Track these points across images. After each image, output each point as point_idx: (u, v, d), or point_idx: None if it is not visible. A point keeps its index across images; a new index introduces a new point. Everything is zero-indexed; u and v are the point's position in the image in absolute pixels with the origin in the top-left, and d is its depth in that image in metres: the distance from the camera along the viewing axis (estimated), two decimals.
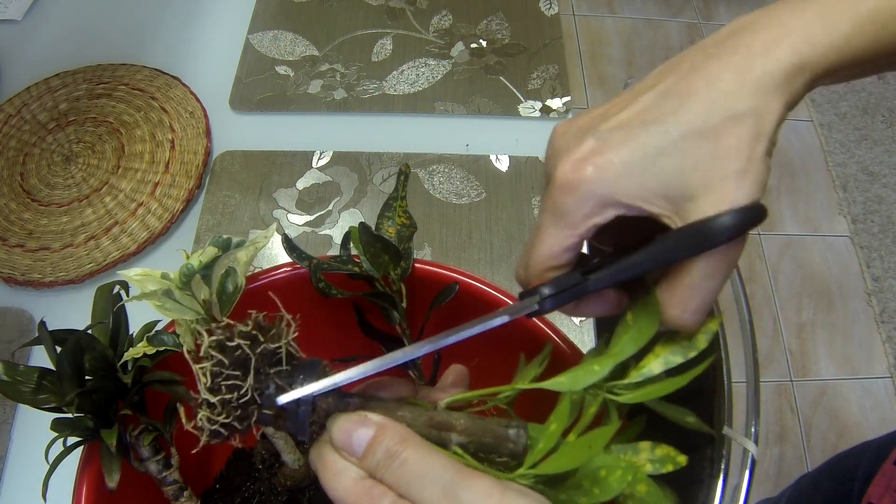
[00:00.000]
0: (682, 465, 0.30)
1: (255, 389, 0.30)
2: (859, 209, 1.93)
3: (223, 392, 0.30)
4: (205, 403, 0.30)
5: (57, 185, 0.75)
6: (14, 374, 0.37)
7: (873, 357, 1.71)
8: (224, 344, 0.30)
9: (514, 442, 0.30)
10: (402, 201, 0.49)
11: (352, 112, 0.82)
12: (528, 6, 0.93)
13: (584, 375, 0.31)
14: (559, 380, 0.31)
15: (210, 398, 0.30)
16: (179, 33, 0.90)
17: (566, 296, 0.30)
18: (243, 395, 0.30)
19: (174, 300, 0.39)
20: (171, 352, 0.41)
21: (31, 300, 0.68)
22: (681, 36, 2.31)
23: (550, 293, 0.30)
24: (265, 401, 0.30)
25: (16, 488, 0.59)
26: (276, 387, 0.30)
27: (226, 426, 0.30)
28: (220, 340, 0.31)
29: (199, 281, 0.38)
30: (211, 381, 0.30)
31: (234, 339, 0.30)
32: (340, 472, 0.28)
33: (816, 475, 0.77)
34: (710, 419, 0.44)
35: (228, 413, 0.30)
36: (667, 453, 0.30)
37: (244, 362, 0.30)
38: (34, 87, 0.83)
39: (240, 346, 0.30)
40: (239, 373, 0.30)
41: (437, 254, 0.71)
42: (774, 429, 1.62)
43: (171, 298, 0.39)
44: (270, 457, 0.53)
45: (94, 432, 0.38)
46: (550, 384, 0.31)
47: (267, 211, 0.74)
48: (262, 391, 0.30)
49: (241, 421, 0.30)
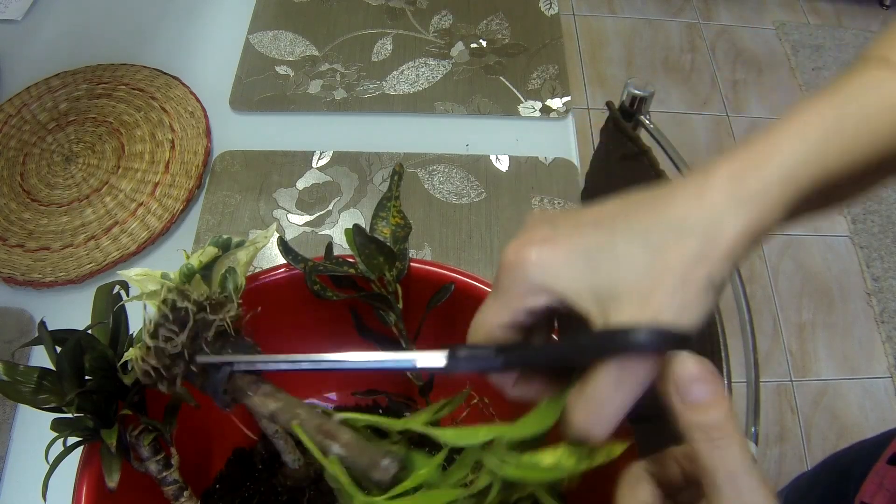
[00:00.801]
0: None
1: (186, 347, 0.35)
2: (859, 209, 1.93)
3: (159, 340, 0.35)
4: (143, 346, 0.35)
5: (57, 185, 0.75)
6: (14, 374, 0.37)
7: (873, 357, 1.71)
8: (174, 304, 0.35)
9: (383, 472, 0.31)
10: (396, 201, 0.48)
11: (352, 112, 0.82)
12: (528, 6, 0.93)
13: (468, 435, 0.31)
14: (446, 431, 0.31)
15: (147, 341, 0.35)
16: (179, 33, 0.90)
17: (474, 364, 0.30)
18: (175, 346, 0.35)
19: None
20: None
21: (31, 300, 0.68)
22: (681, 36, 2.31)
23: (462, 356, 0.31)
24: (192, 359, 0.36)
25: (16, 488, 0.59)
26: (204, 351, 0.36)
27: (154, 370, 0.35)
28: (173, 300, 0.35)
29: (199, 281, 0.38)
30: (153, 329, 0.35)
31: (184, 302, 0.35)
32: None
33: (813, 474, 0.78)
34: None
35: (159, 360, 0.35)
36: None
37: (184, 322, 0.35)
38: (34, 87, 0.83)
39: (186, 308, 0.35)
40: (176, 328, 0.35)
41: (436, 254, 0.71)
42: (774, 429, 1.62)
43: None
44: (270, 457, 0.53)
45: (95, 432, 0.38)
46: (437, 432, 0.31)
47: (267, 211, 0.74)
48: (194, 351, 0.36)
49: (168, 370, 0.35)
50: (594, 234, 0.29)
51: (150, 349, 0.35)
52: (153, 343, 0.35)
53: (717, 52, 2.27)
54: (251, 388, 0.35)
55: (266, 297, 0.48)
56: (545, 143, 0.80)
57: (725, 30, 2.34)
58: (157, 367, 0.35)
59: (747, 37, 2.32)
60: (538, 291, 0.29)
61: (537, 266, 0.29)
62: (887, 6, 2.42)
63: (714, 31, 2.33)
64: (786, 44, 2.29)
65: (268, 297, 0.48)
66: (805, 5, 2.43)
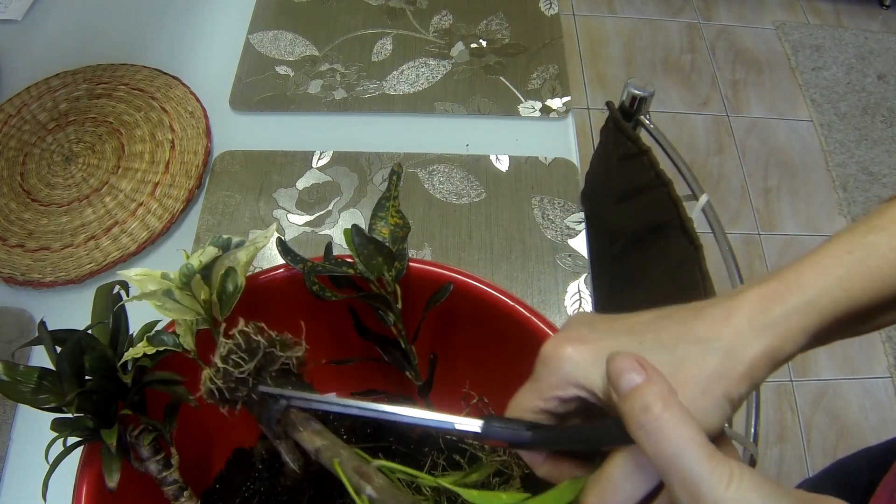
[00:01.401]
0: None
1: (252, 375, 0.38)
2: (859, 209, 1.93)
3: (230, 364, 0.38)
4: (214, 367, 0.38)
5: (57, 185, 0.75)
6: (14, 374, 0.37)
7: (873, 357, 1.71)
8: (248, 336, 0.39)
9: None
10: (395, 201, 0.48)
11: (352, 112, 0.82)
12: (528, 6, 0.93)
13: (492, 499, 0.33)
14: (473, 493, 0.33)
15: (219, 363, 0.38)
16: (179, 33, 0.90)
17: (506, 434, 0.33)
18: (242, 372, 0.38)
19: (174, 300, 0.39)
20: (170, 352, 0.41)
21: (31, 300, 0.68)
22: (681, 36, 2.31)
23: (496, 425, 0.33)
24: (254, 387, 0.38)
25: (16, 488, 0.59)
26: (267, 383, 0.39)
27: (219, 391, 0.38)
28: (247, 332, 0.39)
29: (199, 281, 0.38)
30: (226, 353, 0.38)
31: (257, 336, 0.39)
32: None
33: (817, 481, 0.77)
34: None
35: (226, 381, 0.38)
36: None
37: (254, 353, 0.38)
38: (34, 87, 0.83)
39: (259, 341, 0.38)
40: (246, 357, 0.38)
41: (436, 254, 0.71)
42: (774, 429, 1.62)
43: (171, 298, 0.39)
44: (271, 457, 0.53)
45: (94, 432, 0.38)
46: (466, 493, 0.33)
47: (267, 211, 0.74)
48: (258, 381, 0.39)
49: (232, 392, 0.38)
50: (625, 340, 0.32)
51: (220, 370, 0.38)
52: (223, 366, 0.38)
53: (717, 52, 2.27)
54: (302, 424, 0.39)
55: (265, 297, 0.48)
56: (545, 143, 0.80)
57: (725, 30, 2.34)
58: (221, 389, 0.38)
59: (747, 37, 2.32)
60: (569, 384, 0.32)
61: (570, 362, 0.32)
62: (887, 6, 2.42)
63: (714, 31, 2.33)
64: (786, 44, 2.29)
65: (267, 297, 0.48)
66: (805, 5, 2.43)
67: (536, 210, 0.74)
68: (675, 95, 2.16)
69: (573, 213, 0.73)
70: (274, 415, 0.38)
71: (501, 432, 0.33)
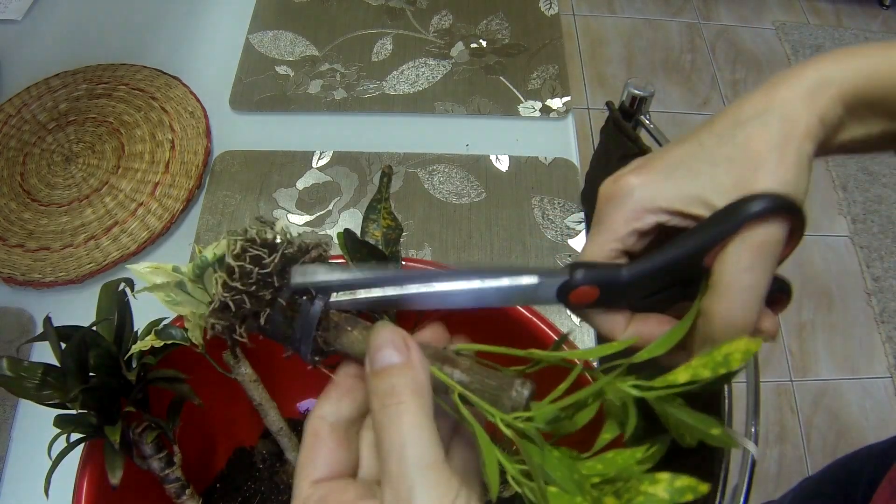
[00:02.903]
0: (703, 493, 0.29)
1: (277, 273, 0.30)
2: (859, 209, 1.93)
3: (246, 261, 0.29)
4: (226, 269, 0.30)
5: (57, 185, 0.75)
6: (19, 369, 0.37)
7: (873, 357, 1.72)
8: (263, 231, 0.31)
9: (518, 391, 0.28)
10: (387, 203, 0.48)
11: (352, 112, 0.82)
12: (528, 6, 0.93)
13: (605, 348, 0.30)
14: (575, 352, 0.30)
15: (232, 262, 0.29)
16: (179, 33, 0.91)
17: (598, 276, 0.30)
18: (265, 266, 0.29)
19: (186, 293, 0.39)
20: (177, 346, 0.41)
21: (31, 300, 0.68)
22: (681, 36, 2.31)
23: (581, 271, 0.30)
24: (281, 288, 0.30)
25: (16, 488, 0.59)
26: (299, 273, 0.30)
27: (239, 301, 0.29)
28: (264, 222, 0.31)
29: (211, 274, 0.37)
30: (239, 250, 0.30)
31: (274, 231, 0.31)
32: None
33: (819, 479, 0.77)
34: None
35: (244, 283, 0.29)
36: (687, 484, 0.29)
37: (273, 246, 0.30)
38: (34, 87, 0.83)
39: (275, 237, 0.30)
40: (266, 250, 0.30)
41: (437, 254, 0.71)
42: (774, 429, 1.62)
43: (184, 291, 0.39)
44: (271, 456, 0.53)
45: (98, 429, 0.38)
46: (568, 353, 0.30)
47: (267, 211, 0.74)
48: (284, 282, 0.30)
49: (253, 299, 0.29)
50: (683, 148, 0.30)
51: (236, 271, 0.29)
52: (239, 264, 0.29)
53: (716, 52, 2.27)
54: (350, 323, 0.30)
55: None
56: (545, 142, 0.80)
57: (725, 30, 2.34)
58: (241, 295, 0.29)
59: (747, 37, 2.32)
60: (644, 212, 0.30)
61: (639, 188, 0.30)
62: (887, 6, 2.42)
63: (714, 31, 2.33)
64: (786, 44, 2.29)
65: None
66: (805, 5, 2.43)
67: (536, 210, 0.74)
68: (675, 95, 2.16)
69: (573, 213, 0.74)
70: (312, 321, 0.29)
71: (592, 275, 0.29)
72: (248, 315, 0.29)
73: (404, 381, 0.26)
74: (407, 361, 0.27)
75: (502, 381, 0.29)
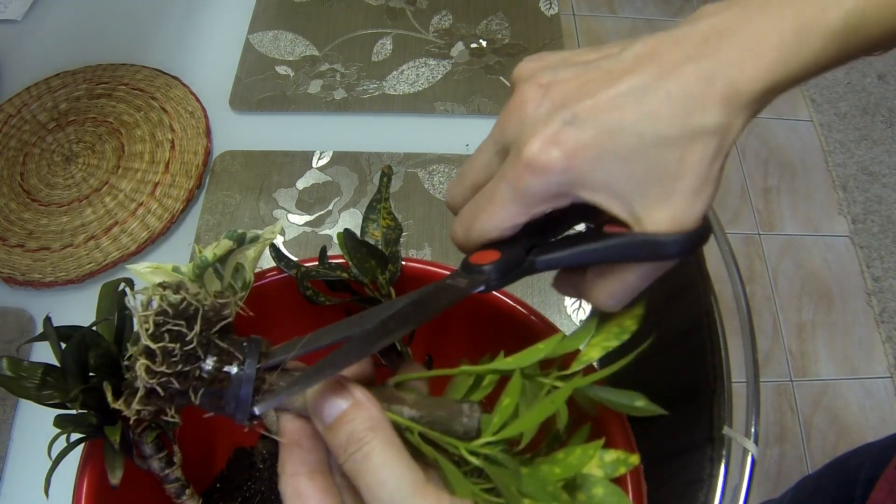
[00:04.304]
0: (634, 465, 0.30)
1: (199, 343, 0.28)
2: (859, 209, 1.93)
3: (166, 339, 0.27)
4: (144, 353, 0.27)
5: (57, 185, 0.75)
6: (18, 369, 0.37)
7: (873, 357, 1.72)
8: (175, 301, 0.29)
9: (468, 416, 0.29)
10: (386, 203, 0.48)
11: (352, 112, 0.82)
12: (528, 6, 0.93)
13: (530, 354, 0.31)
14: (506, 360, 0.31)
15: (151, 345, 0.27)
16: (179, 33, 0.91)
17: (512, 276, 0.31)
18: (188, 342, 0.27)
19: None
20: None
21: (31, 300, 0.68)
22: None
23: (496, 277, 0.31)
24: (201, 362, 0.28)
25: (15, 488, 0.59)
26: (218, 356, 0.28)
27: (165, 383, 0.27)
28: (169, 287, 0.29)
29: (211, 274, 0.37)
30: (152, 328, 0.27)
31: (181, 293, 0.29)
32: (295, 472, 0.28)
33: (818, 477, 0.77)
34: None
35: (169, 365, 0.27)
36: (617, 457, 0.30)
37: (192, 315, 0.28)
38: (34, 87, 0.83)
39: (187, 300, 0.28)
40: (183, 322, 0.28)
41: (437, 254, 0.71)
42: (774, 429, 1.62)
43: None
44: (271, 456, 0.53)
45: (98, 429, 0.38)
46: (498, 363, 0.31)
47: (267, 211, 0.74)
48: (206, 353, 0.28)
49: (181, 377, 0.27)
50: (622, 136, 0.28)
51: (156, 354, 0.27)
52: (158, 345, 0.27)
53: None
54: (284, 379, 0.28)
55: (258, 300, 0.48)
56: None
57: None
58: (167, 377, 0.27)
59: None
60: (566, 194, 0.29)
61: (569, 169, 0.28)
62: None
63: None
64: None
65: (261, 301, 0.48)
66: None
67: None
68: None
69: None
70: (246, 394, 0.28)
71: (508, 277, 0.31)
72: (175, 394, 0.28)
73: (359, 422, 0.26)
74: (354, 402, 0.27)
75: (450, 408, 0.29)
